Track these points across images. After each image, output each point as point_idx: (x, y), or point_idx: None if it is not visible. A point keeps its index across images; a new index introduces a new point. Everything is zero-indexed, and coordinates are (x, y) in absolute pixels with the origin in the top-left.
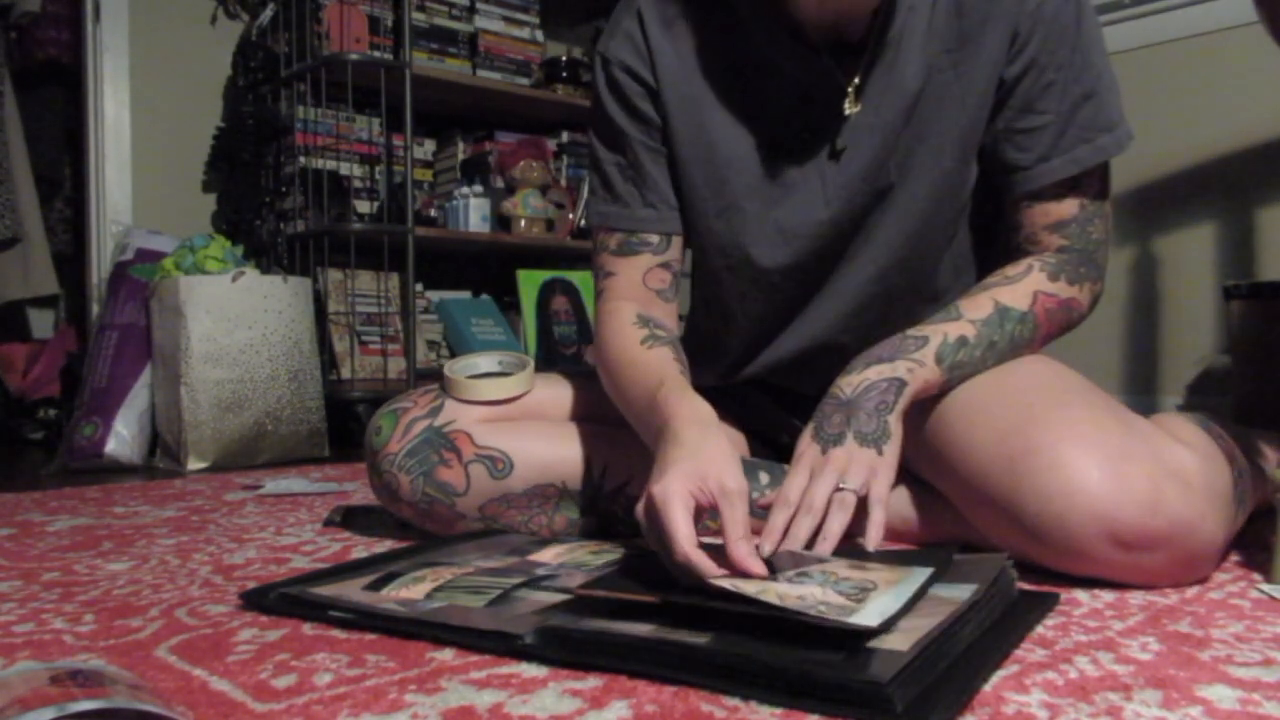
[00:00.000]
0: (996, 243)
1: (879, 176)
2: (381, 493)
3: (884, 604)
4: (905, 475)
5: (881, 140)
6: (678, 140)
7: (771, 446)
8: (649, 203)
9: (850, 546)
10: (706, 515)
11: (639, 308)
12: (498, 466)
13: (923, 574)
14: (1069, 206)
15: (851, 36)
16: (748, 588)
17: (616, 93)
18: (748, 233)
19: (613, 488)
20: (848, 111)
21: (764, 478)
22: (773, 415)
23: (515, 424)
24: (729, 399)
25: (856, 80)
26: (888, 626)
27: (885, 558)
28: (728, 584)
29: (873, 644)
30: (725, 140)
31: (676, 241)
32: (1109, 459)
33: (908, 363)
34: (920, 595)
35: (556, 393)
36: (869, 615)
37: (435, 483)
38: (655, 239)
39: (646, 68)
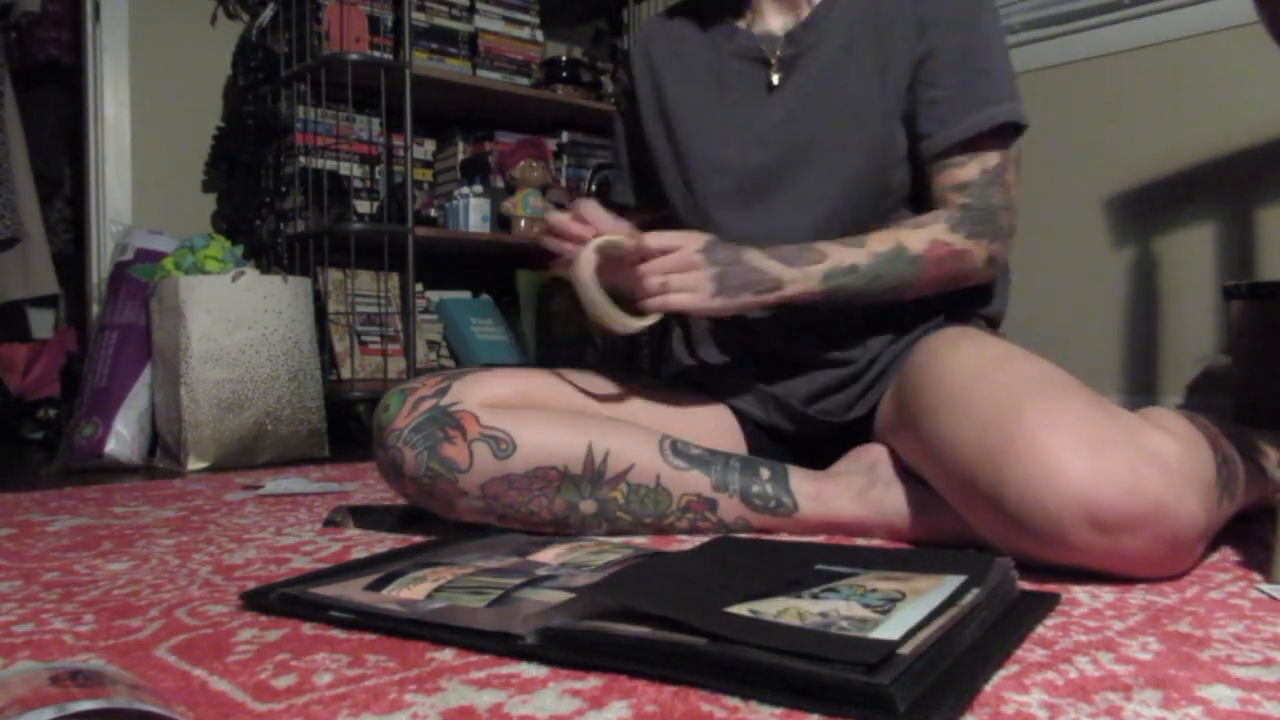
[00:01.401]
0: None
1: (804, 129)
2: (386, 468)
3: (909, 615)
4: (904, 474)
5: (801, 103)
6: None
7: (761, 428)
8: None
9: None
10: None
11: None
12: (501, 446)
13: (954, 581)
14: (970, 170)
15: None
16: (768, 609)
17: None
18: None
19: (614, 474)
20: (775, 80)
21: (764, 473)
22: (757, 393)
23: (520, 410)
24: (719, 379)
25: (779, 53)
26: (910, 637)
27: (921, 562)
28: (746, 609)
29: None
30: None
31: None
32: (1088, 444)
33: (797, 271)
34: (950, 604)
35: (560, 389)
36: (892, 628)
37: (439, 458)
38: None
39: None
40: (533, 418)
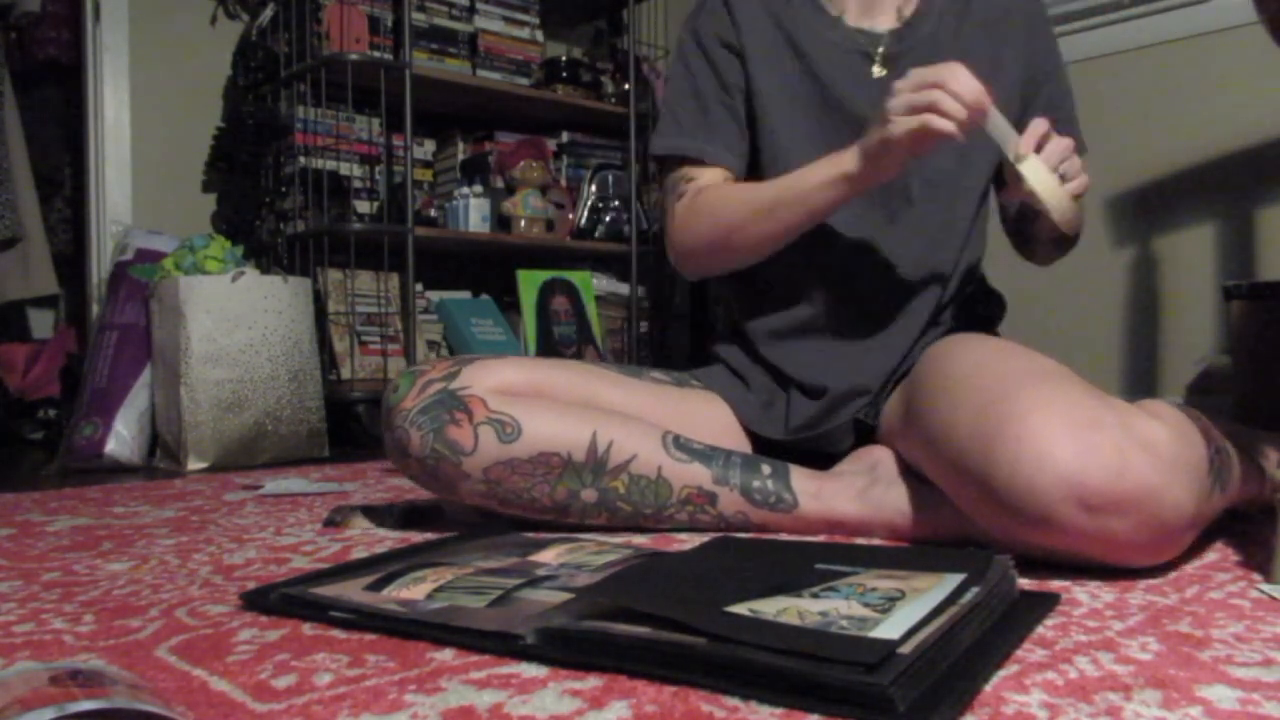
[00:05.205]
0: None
1: None
2: (392, 448)
3: (909, 614)
4: (905, 472)
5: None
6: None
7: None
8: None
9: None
10: None
11: None
12: (506, 431)
13: (954, 580)
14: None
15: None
16: (768, 608)
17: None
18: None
19: (616, 464)
20: (876, 75)
21: (766, 469)
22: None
23: (528, 398)
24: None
25: (881, 50)
26: (910, 637)
27: (921, 561)
28: (745, 609)
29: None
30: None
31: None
32: (1077, 427)
33: None
34: (950, 602)
35: (568, 380)
36: (891, 627)
37: (444, 440)
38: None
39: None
40: (539, 405)
